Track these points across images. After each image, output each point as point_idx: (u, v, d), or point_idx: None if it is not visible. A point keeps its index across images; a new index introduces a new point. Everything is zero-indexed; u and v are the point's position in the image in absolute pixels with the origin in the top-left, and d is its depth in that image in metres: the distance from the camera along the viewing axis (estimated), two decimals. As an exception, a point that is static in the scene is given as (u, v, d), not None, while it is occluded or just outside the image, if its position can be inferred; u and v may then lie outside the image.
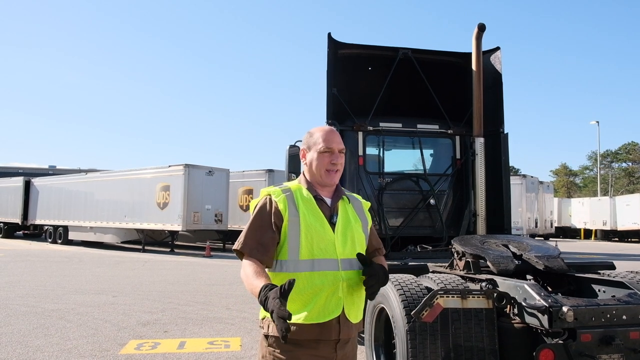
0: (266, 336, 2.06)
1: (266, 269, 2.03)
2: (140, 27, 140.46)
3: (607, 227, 31.86)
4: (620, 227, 31.07)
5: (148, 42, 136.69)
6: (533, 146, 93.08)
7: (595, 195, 39.09)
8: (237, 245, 2.08)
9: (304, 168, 2.23)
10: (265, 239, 2.03)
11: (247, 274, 1.97)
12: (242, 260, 2.07)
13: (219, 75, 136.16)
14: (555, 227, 32.47)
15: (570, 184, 62.13)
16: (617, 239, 31.85)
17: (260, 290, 1.80)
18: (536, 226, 26.41)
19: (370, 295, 2.01)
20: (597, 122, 41.40)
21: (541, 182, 28.70)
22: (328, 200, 2.16)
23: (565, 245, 21.56)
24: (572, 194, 55.85)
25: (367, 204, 2.32)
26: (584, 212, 34.19)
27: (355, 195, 2.32)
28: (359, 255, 2.05)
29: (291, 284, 1.73)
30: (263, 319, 2.08)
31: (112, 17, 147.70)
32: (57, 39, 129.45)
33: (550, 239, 25.78)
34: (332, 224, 2.10)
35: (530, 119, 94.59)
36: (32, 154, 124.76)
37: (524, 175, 26.75)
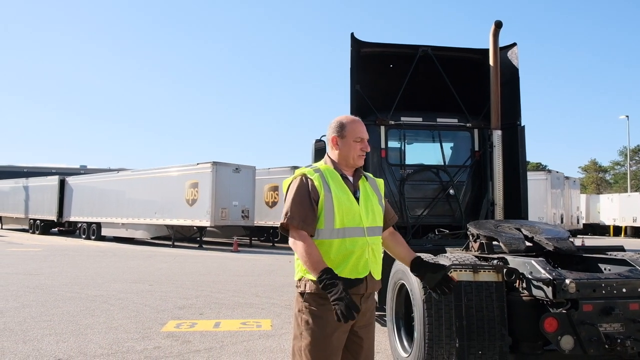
0: (302, 294, 2.42)
1: None
2: (168, 25, 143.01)
3: (638, 224, 31.23)
4: (651, 224, 30.49)
5: (177, 41, 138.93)
6: (561, 143, 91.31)
7: (625, 192, 38.26)
8: (284, 219, 2.38)
9: (331, 152, 2.57)
10: (309, 212, 2.37)
11: (304, 247, 2.28)
12: (286, 234, 2.41)
13: (245, 74, 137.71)
14: (584, 224, 31.98)
15: (600, 180, 60.70)
16: (647, 236, 31.25)
17: (324, 272, 2.18)
18: (562, 222, 26.09)
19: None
20: (627, 116, 40.70)
21: (567, 178, 28.32)
22: (351, 179, 2.53)
23: (594, 243, 21.30)
24: (602, 190, 54.58)
25: (380, 181, 2.70)
26: (613, 208, 33.50)
27: (369, 174, 2.69)
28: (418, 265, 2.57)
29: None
30: (300, 279, 2.45)
31: (140, 15, 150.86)
32: (88, 40, 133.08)
33: (578, 235, 25.42)
34: (356, 198, 2.47)
35: (559, 116, 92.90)
36: (64, 154, 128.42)
37: (549, 171, 26.42)
